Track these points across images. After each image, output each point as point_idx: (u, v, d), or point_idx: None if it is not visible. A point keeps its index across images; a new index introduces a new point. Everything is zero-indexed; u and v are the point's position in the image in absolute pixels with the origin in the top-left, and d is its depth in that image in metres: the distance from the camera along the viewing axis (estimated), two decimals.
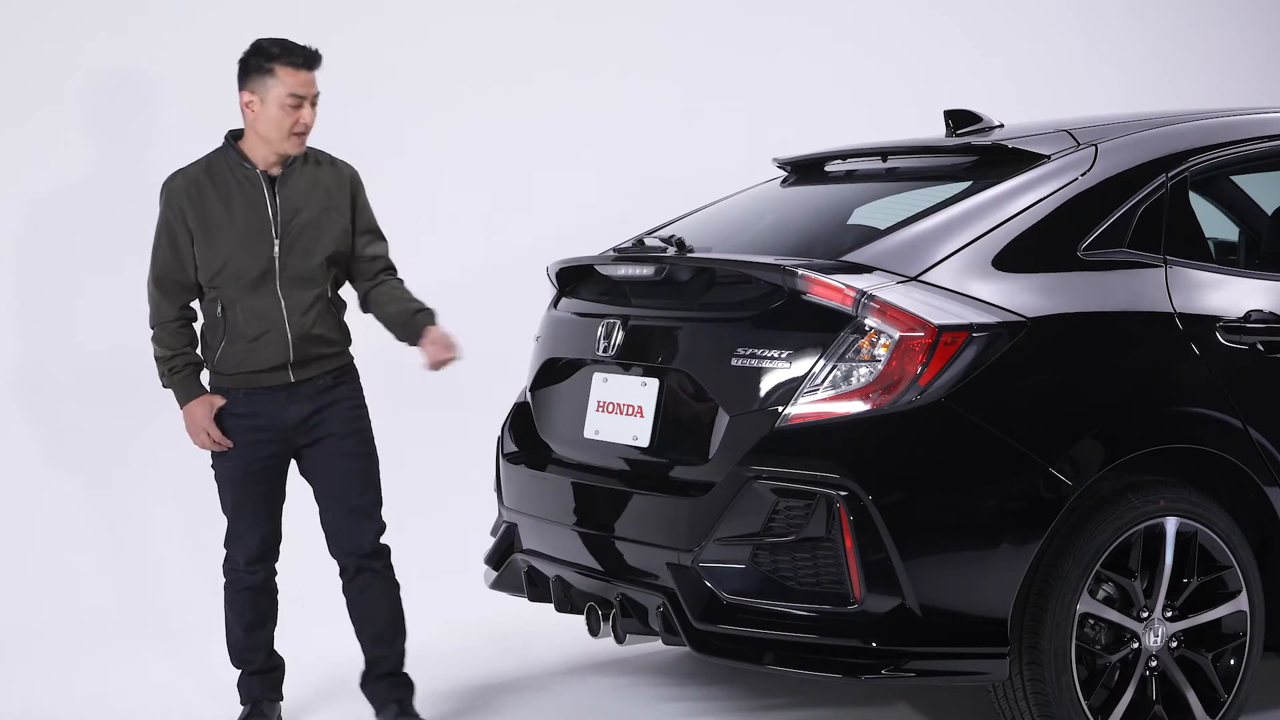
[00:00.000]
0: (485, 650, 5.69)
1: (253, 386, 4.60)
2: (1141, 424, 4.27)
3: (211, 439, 4.59)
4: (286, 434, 4.64)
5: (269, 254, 4.53)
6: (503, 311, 7.03)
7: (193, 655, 5.67)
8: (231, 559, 4.73)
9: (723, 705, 5.05)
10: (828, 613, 4.06)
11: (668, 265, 4.60)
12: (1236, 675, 4.36)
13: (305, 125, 4.52)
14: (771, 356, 4.20)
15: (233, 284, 4.54)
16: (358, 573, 4.76)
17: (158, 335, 4.64)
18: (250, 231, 4.53)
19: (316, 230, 4.60)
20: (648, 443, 4.52)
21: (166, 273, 4.59)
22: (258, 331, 4.55)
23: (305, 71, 4.52)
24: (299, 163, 4.60)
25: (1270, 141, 4.73)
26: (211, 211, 4.53)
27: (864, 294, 4.11)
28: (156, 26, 6.75)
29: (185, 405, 4.62)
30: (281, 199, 4.55)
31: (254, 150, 4.57)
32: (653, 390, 4.53)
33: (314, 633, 5.43)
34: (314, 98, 4.55)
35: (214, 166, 4.58)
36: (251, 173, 4.55)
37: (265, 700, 4.81)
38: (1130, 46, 9.33)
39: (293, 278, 4.56)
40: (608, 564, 4.55)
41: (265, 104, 4.51)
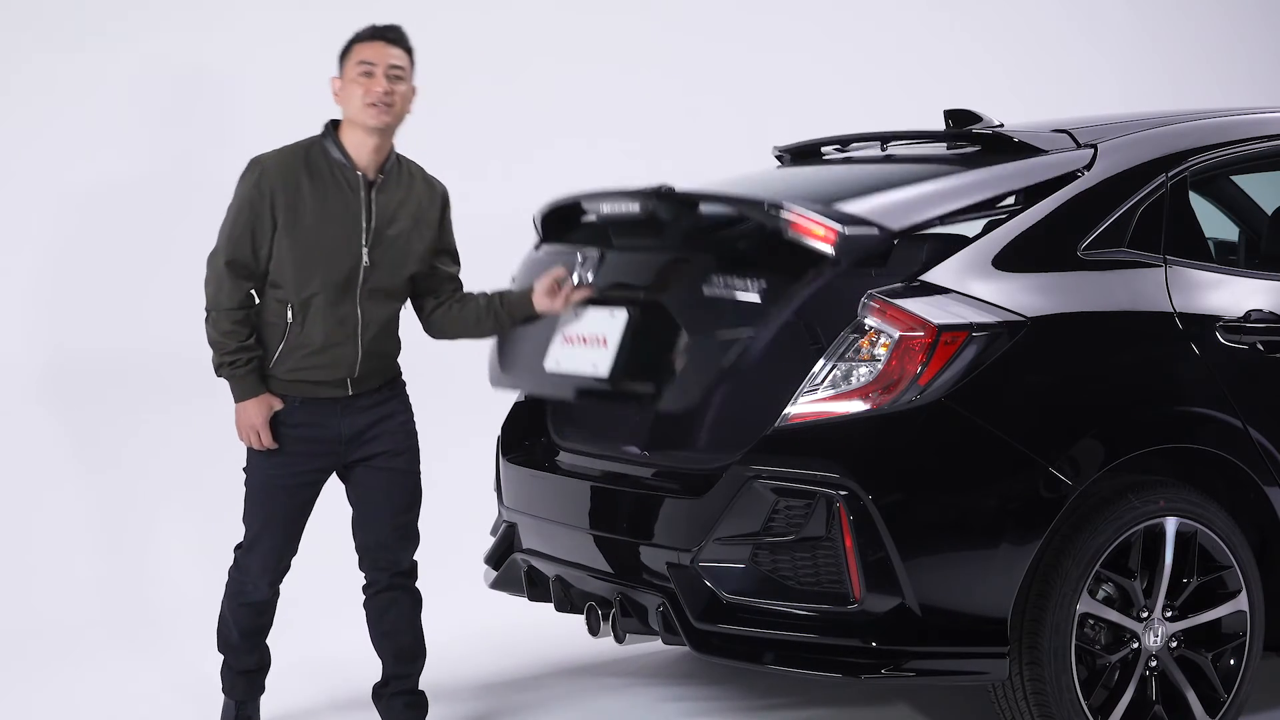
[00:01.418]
0: (485, 650, 5.69)
1: (310, 396, 4.47)
2: (1141, 424, 4.27)
3: (263, 441, 4.44)
4: (338, 447, 4.52)
5: (357, 262, 4.40)
6: None
7: (182, 658, 5.66)
8: (244, 569, 4.59)
9: (723, 705, 5.05)
10: (828, 612, 4.06)
11: (652, 202, 4.53)
12: (1236, 675, 4.36)
13: (377, 94, 4.37)
14: (746, 288, 4.16)
15: (312, 287, 4.37)
16: (388, 588, 4.67)
17: (216, 320, 4.39)
18: (343, 233, 4.38)
19: (406, 244, 4.48)
20: (606, 372, 4.48)
21: (238, 255, 4.36)
22: (328, 343, 4.40)
23: (376, 41, 4.42)
24: (395, 171, 4.48)
25: (1270, 141, 4.73)
26: (305, 205, 4.37)
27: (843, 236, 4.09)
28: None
29: (241, 401, 4.43)
30: (378, 206, 4.42)
31: (350, 141, 4.42)
32: (620, 321, 4.49)
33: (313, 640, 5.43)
34: (389, 69, 4.39)
35: (312, 156, 4.42)
36: (350, 173, 4.40)
37: (247, 697, 4.74)
38: (1130, 47, 9.34)
39: (374, 290, 4.43)
40: (607, 563, 4.54)
41: (344, 82, 4.44)
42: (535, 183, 7.50)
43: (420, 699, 4.77)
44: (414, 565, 4.72)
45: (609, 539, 4.55)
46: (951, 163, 4.60)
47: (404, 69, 4.45)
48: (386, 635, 4.69)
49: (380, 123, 4.40)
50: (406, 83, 4.46)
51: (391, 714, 4.74)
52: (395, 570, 4.66)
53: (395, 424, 4.59)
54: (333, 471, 4.60)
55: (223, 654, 4.74)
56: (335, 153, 4.43)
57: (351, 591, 4.80)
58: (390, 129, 4.46)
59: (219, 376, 4.48)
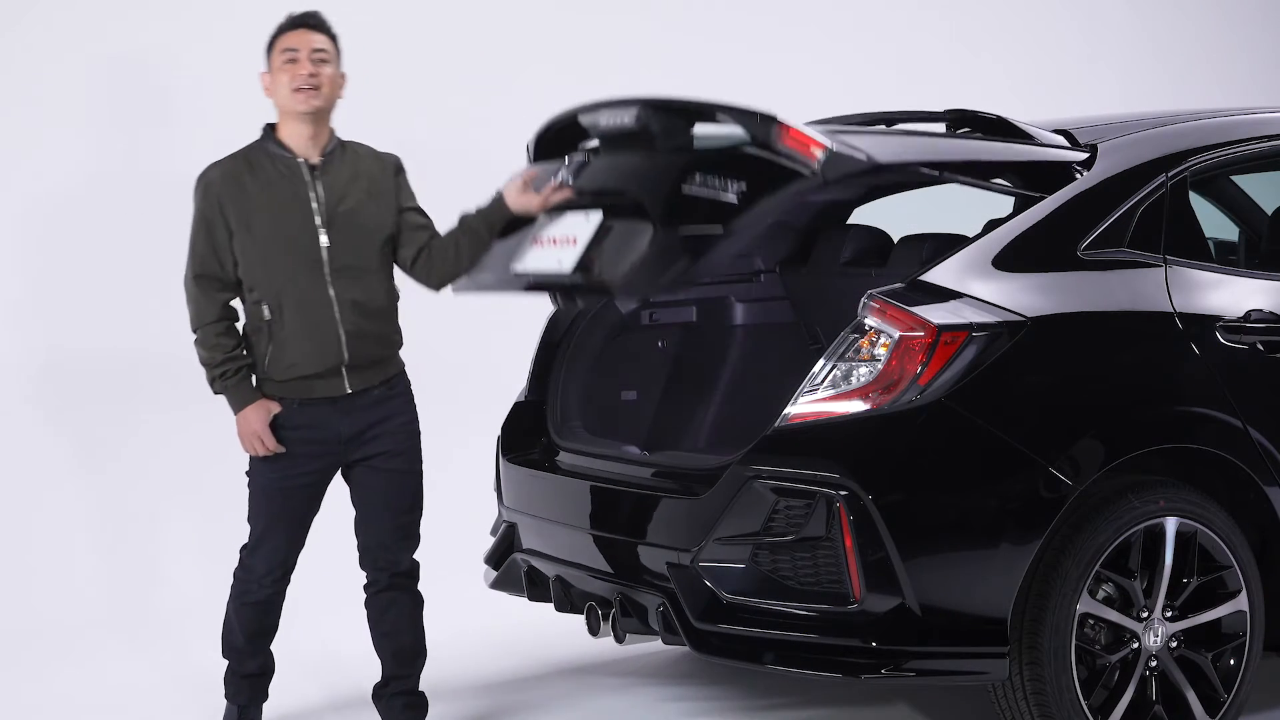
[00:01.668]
0: (485, 650, 5.69)
1: (307, 397, 4.47)
2: (1141, 424, 4.27)
3: (265, 446, 4.45)
4: (338, 448, 4.52)
5: (316, 244, 4.42)
6: (502, 312, 7.04)
7: (183, 658, 5.66)
8: (249, 569, 4.60)
9: (723, 705, 5.05)
10: (828, 612, 4.06)
11: (645, 114, 4.44)
12: (1236, 675, 4.36)
13: (303, 77, 4.40)
14: (725, 190, 4.10)
15: (279, 278, 4.39)
16: (387, 588, 4.67)
17: (202, 338, 4.47)
18: (295, 220, 4.40)
19: (364, 218, 4.48)
20: (570, 267, 4.40)
21: (205, 269, 4.44)
22: (309, 329, 4.41)
23: (297, 29, 4.47)
24: (339, 152, 4.51)
25: (1270, 141, 4.73)
26: (251, 203, 4.41)
27: (830, 153, 4.05)
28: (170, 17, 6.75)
29: (240, 411, 4.45)
30: (324, 186, 4.45)
31: (287, 132, 4.47)
32: (594, 222, 4.43)
33: (315, 639, 5.43)
34: (314, 53, 4.44)
35: (252, 157, 4.47)
36: (291, 161, 4.44)
37: (250, 703, 4.75)
38: (1130, 47, 9.33)
39: (341, 268, 4.43)
40: (607, 564, 4.55)
41: (271, 72, 4.47)
42: None
43: (420, 700, 4.77)
44: (415, 566, 4.71)
45: (609, 539, 4.55)
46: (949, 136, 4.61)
47: (328, 52, 4.49)
48: (386, 635, 4.69)
49: (309, 106, 4.43)
50: (332, 66, 4.50)
51: (391, 714, 4.74)
52: (395, 571, 4.65)
53: (396, 424, 4.58)
54: (335, 471, 4.60)
55: (226, 658, 4.74)
56: (274, 148, 4.47)
57: (353, 591, 4.80)
58: (322, 113, 4.49)
59: (215, 393, 4.52)
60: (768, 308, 5.49)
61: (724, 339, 5.46)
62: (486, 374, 6.55)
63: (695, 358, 5.42)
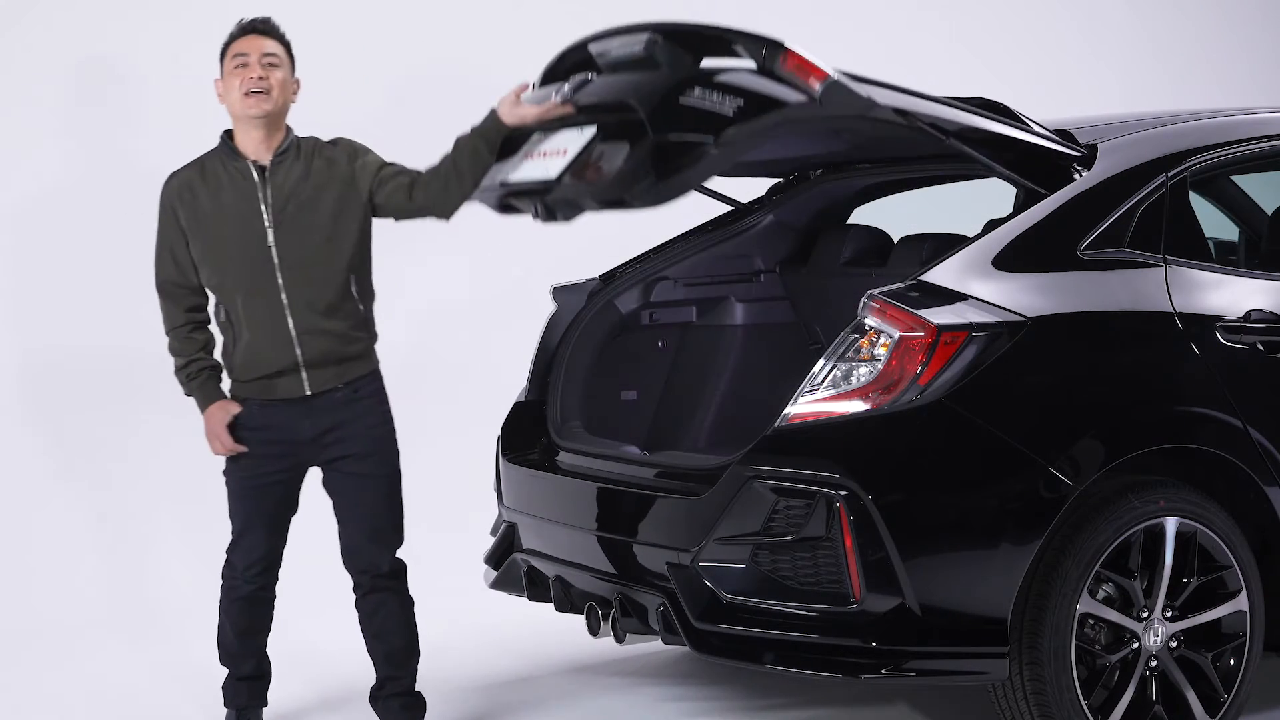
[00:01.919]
0: (485, 650, 5.69)
1: (268, 397, 4.51)
2: (1141, 424, 4.27)
3: (224, 445, 4.52)
4: (300, 449, 4.55)
5: (264, 242, 4.45)
6: (502, 312, 7.05)
7: (183, 658, 5.65)
8: (232, 565, 4.67)
9: (723, 705, 5.05)
10: (828, 612, 4.06)
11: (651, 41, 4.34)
12: (1236, 675, 4.35)
13: (253, 81, 4.45)
14: (722, 105, 4.04)
15: (232, 280, 4.46)
16: (372, 590, 4.68)
17: (171, 343, 4.59)
18: (242, 222, 4.45)
19: (312, 210, 4.48)
20: (555, 174, 4.30)
21: (168, 278, 4.56)
22: (261, 327, 4.46)
23: (247, 35, 4.52)
24: (291, 152, 4.53)
25: (1270, 141, 4.73)
26: (203, 209, 4.48)
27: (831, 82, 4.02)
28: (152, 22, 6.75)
29: (204, 411, 4.54)
30: (272, 186, 4.47)
31: (240, 137, 4.53)
32: (588, 134, 4.35)
33: (310, 640, 5.43)
34: (264, 57, 4.48)
35: (207, 164, 4.54)
36: (242, 164, 4.49)
37: (249, 707, 4.77)
38: (1130, 47, 9.33)
39: (292, 266, 4.45)
40: (607, 563, 4.55)
41: (224, 77, 4.53)
42: None
43: (417, 699, 4.76)
44: (398, 568, 4.70)
45: (609, 539, 4.55)
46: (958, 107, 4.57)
47: (278, 56, 4.53)
48: (377, 638, 4.70)
49: (260, 111, 4.47)
50: (283, 70, 4.53)
51: (389, 716, 4.73)
52: (375, 573, 4.66)
53: (361, 427, 4.57)
54: (304, 471, 4.64)
55: (224, 665, 4.78)
56: (228, 154, 4.53)
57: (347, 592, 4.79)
58: (274, 117, 4.51)
59: (186, 394, 4.61)
60: (768, 308, 5.49)
61: (724, 339, 5.46)
62: (486, 374, 6.55)
63: (695, 358, 5.42)
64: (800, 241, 5.49)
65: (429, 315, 7.16)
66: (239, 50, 4.50)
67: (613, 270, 5.33)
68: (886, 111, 4.12)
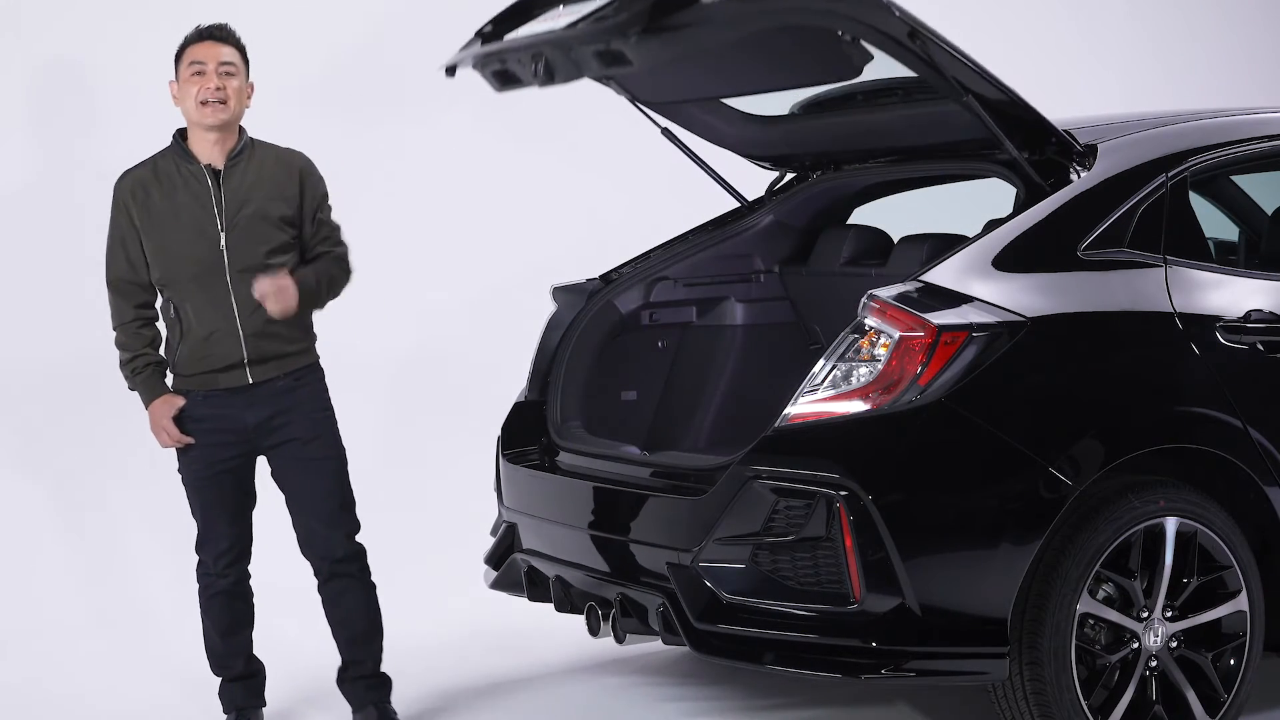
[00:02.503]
0: (485, 650, 5.69)
1: (211, 388, 4.58)
2: (1141, 424, 4.27)
3: (170, 436, 4.59)
4: (246, 436, 4.62)
5: (216, 246, 4.51)
6: (502, 312, 7.04)
7: (173, 662, 5.64)
8: (203, 563, 4.73)
9: (723, 705, 5.05)
10: (828, 612, 4.06)
11: None
12: (1236, 675, 4.35)
13: (210, 91, 4.50)
14: None
15: (182, 280, 4.53)
16: (332, 577, 4.75)
17: (118, 338, 4.65)
18: (195, 225, 4.52)
19: (263, 220, 4.56)
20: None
21: (119, 274, 4.62)
22: (210, 328, 4.53)
23: (205, 42, 4.56)
24: (245, 156, 4.59)
25: (1270, 141, 4.73)
26: (156, 209, 4.54)
27: None
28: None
29: (148, 405, 4.62)
30: (226, 191, 4.54)
31: (194, 141, 4.59)
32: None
33: (294, 634, 5.42)
34: (221, 65, 4.53)
35: (160, 165, 4.60)
36: (196, 168, 4.56)
37: (249, 708, 4.81)
38: (1129, 47, 9.33)
39: (242, 270, 4.51)
40: (607, 564, 4.55)
41: (180, 83, 4.57)
42: (535, 189, 7.54)
43: (382, 680, 4.86)
44: (356, 551, 4.76)
45: (609, 539, 4.55)
46: None
47: (235, 64, 4.58)
48: (340, 623, 4.80)
49: (216, 120, 4.54)
50: (239, 78, 4.59)
51: (355, 697, 4.84)
52: (331, 559, 4.72)
53: (302, 413, 4.65)
54: (253, 460, 4.70)
55: (216, 672, 4.83)
56: (181, 156, 4.59)
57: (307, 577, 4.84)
58: (229, 125, 4.58)
59: (130, 389, 4.68)
60: (768, 308, 5.49)
61: (724, 339, 5.46)
62: (486, 374, 6.54)
63: (695, 358, 5.42)
64: (800, 241, 5.49)
65: (429, 315, 7.16)
66: (196, 58, 4.54)
67: (613, 270, 5.33)
68: (901, 27, 4.09)
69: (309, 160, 4.71)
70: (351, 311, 4.90)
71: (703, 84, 4.99)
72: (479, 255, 7.32)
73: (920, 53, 4.16)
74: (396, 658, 5.13)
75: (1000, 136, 4.32)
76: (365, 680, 4.82)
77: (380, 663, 4.85)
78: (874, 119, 4.97)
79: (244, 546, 4.73)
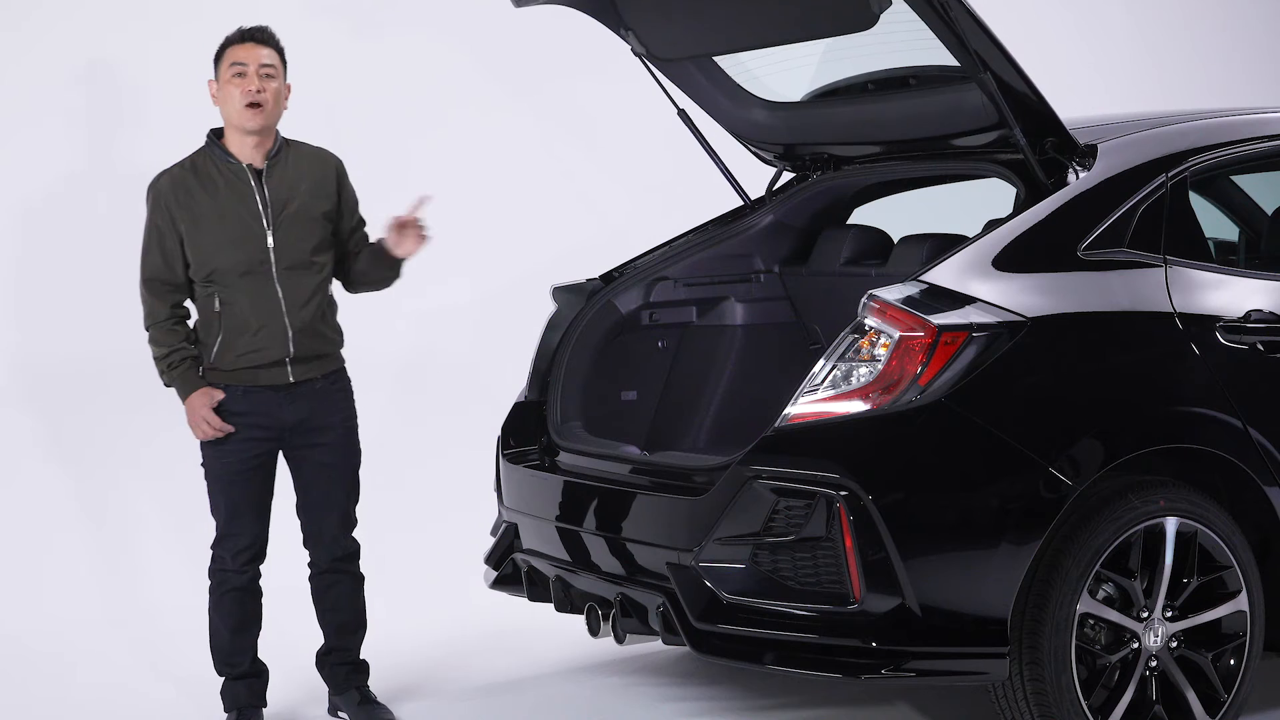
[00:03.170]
0: (485, 650, 5.69)
1: (251, 384, 4.64)
2: (1141, 424, 4.27)
3: (212, 426, 4.62)
4: (281, 434, 4.71)
5: (263, 244, 4.59)
6: (502, 312, 7.04)
7: (177, 661, 5.64)
8: (219, 559, 4.77)
9: (723, 705, 5.05)
10: (828, 612, 4.06)
11: None
12: (1236, 675, 4.35)
13: (251, 94, 4.57)
14: None
15: (230, 278, 4.59)
16: (328, 570, 4.88)
17: (153, 335, 4.68)
18: (241, 224, 4.59)
19: (308, 217, 4.66)
20: None
21: (156, 274, 4.65)
22: (257, 324, 4.60)
23: (246, 44, 4.63)
24: (282, 154, 4.68)
25: (1270, 141, 4.73)
26: (199, 208, 4.59)
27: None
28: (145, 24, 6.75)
29: (186, 398, 4.65)
30: (270, 190, 4.62)
31: (232, 141, 4.65)
32: None
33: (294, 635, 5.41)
34: (262, 68, 4.60)
35: (199, 164, 4.66)
36: (237, 166, 4.62)
37: (249, 707, 4.84)
38: (1129, 47, 9.33)
39: (289, 266, 4.62)
40: (608, 564, 4.55)
41: (220, 84, 4.63)
42: (536, 191, 7.54)
43: (361, 666, 4.99)
44: (355, 550, 4.90)
45: (609, 539, 4.55)
46: None
47: (275, 67, 4.65)
48: (329, 611, 4.92)
49: (257, 124, 4.62)
50: (278, 80, 4.66)
51: (335, 681, 4.96)
52: (335, 556, 4.85)
53: (337, 419, 4.78)
54: (277, 456, 4.77)
55: (220, 671, 4.85)
56: (220, 154, 4.64)
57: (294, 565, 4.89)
58: (268, 128, 4.65)
59: (165, 384, 4.72)
60: (768, 308, 5.49)
61: (724, 339, 5.46)
62: (486, 374, 6.55)
63: (695, 358, 5.42)
64: (800, 241, 5.49)
65: (429, 315, 7.15)
66: (237, 59, 4.61)
67: (613, 270, 5.33)
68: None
69: (340, 159, 4.82)
70: (351, 311, 4.90)
71: (718, 35, 5.01)
72: (479, 255, 7.32)
73: (941, 10, 4.17)
74: (396, 657, 5.16)
75: (1011, 120, 4.33)
76: (345, 666, 4.96)
77: (360, 651, 4.98)
78: (882, 109, 5.00)
79: (262, 545, 4.79)
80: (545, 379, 5.15)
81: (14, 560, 6.32)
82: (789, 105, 5.26)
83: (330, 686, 4.98)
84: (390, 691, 5.09)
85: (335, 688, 4.97)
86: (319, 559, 4.86)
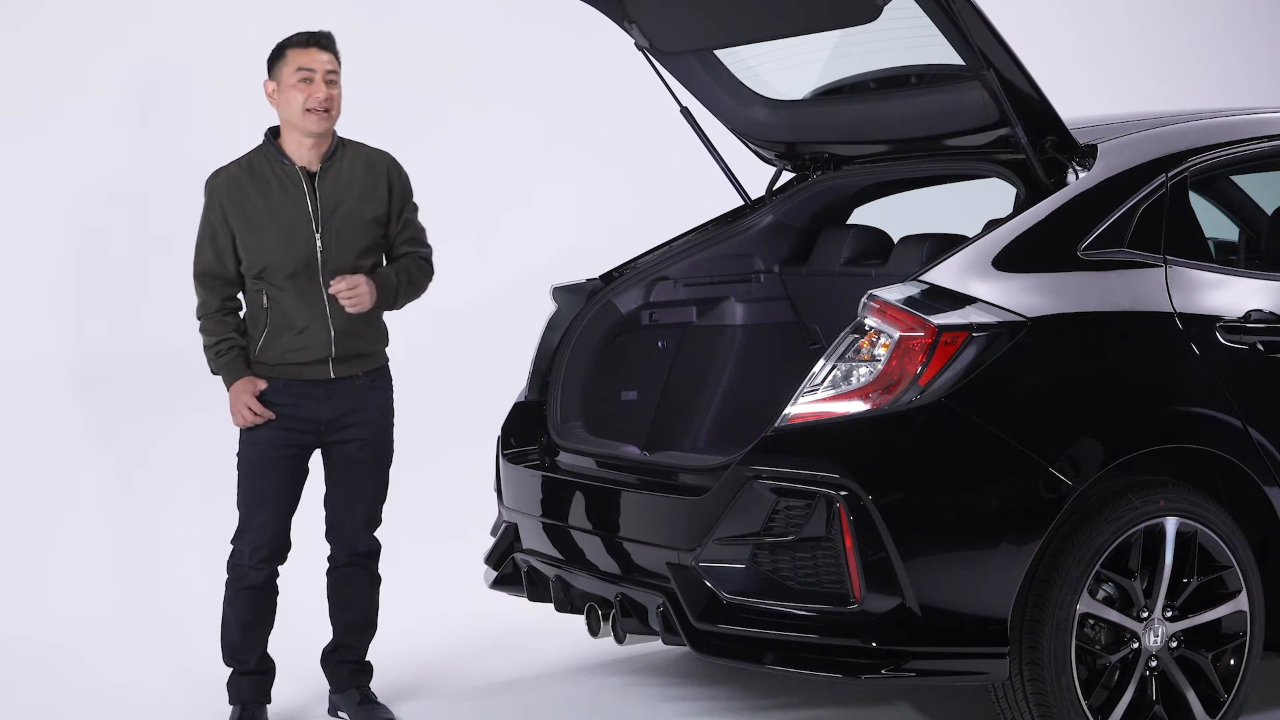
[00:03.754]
0: (485, 650, 5.69)
1: (293, 378, 4.70)
2: (1141, 424, 4.27)
3: (253, 412, 4.66)
4: (318, 428, 4.75)
5: (311, 247, 4.63)
6: (502, 312, 7.04)
7: (187, 657, 5.65)
8: (239, 554, 4.78)
9: (723, 705, 5.05)
10: (828, 612, 4.06)
11: None
12: (1236, 675, 4.35)
13: (318, 100, 4.62)
14: None
15: (278, 278, 4.65)
16: (346, 565, 4.90)
17: (204, 325, 4.75)
18: (290, 226, 4.63)
19: (357, 222, 4.70)
20: None
21: (208, 269, 4.72)
22: (302, 325, 4.66)
23: (310, 48, 4.66)
24: (336, 158, 4.71)
25: (1270, 141, 4.73)
26: (251, 207, 4.65)
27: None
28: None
29: (231, 385, 4.71)
30: (321, 193, 4.67)
31: (289, 142, 4.69)
32: None
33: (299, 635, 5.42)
34: (327, 74, 4.65)
35: (254, 163, 4.72)
36: (291, 169, 4.67)
37: (253, 703, 4.85)
38: (1128, 47, 9.33)
39: (335, 270, 4.65)
40: (608, 564, 4.55)
41: (281, 87, 4.66)
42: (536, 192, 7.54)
43: (365, 667, 4.98)
44: (376, 548, 4.92)
45: (609, 539, 4.55)
46: None
47: (337, 72, 4.70)
48: (341, 607, 4.92)
49: (321, 129, 4.67)
50: (338, 86, 4.71)
51: (338, 679, 4.96)
52: (354, 552, 4.89)
53: (374, 415, 4.83)
54: (313, 451, 4.81)
55: (228, 663, 4.86)
56: (276, 155, 4.69)
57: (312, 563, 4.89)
58: (329, 132, 4.71)
59: (213, 372, 4.78)
60: (768, 308, 5.49)
61: (724, 339, 5.46)
62: (486, 374, 6.54)
63: (695, 358, 5.42)
64: (800, 241, 5.49)
65: (429, 315, 7.14)
66: (303, 64, 4.64)
67: (613, 270, 5.33)
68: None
69: (395, 160, 4.85)
70: None
71: (721, 28, 5.02)
72: (479, 255, 7.32)
73: (945, 4, 4.18)
74: (396, 657, 5.16)
75: (1012, 119, 4.33)
76: (349, 665, 4.96)
77: (366, 652, 4.97)
78: (883, 107, 5.00)
79: (281, 544, 4.80)
80: (545, 379, 5.16)
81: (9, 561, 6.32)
82: (791, 103, 5.27)
83: (331, 684, 4.99)
84: (390, 691, 5.09)
85: (336, 686, 4.97)
86: (338, 552, 4.89)
